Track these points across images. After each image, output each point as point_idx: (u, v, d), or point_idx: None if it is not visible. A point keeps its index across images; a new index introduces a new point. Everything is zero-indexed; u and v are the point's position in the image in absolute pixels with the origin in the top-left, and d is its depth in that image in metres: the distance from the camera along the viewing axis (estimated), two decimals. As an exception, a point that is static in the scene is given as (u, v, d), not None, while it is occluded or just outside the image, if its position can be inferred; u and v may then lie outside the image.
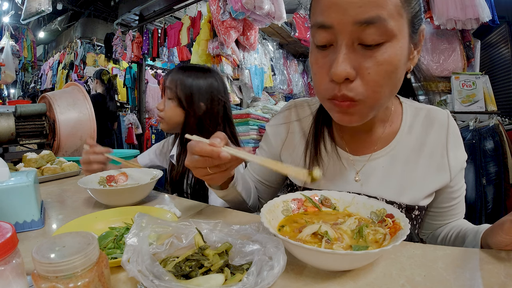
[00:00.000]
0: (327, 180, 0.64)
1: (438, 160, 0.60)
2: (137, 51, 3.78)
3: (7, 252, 0.29)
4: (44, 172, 1.02)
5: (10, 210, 0.55)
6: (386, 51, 0.45)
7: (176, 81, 1.02)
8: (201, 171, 0.52)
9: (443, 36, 2.20)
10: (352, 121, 0.52)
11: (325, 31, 0.47)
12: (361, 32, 0.44)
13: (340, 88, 0.47)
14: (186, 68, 1.05)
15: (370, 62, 0.45)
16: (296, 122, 0.70)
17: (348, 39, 0.45)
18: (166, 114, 1.03)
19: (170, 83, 1.02)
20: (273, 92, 3.87)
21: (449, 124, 0.62)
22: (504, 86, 3.11)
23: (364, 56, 0.46)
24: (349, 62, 0.46)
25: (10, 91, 7.58)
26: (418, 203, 0.60)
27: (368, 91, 0.47)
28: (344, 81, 0.47)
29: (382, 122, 0.62)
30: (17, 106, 1.24)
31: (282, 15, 2.51)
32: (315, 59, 0.51)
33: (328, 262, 0.38)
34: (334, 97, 0.49)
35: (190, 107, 1.02)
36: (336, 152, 0.64)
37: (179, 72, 1.03)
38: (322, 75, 0.50)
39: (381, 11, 0.43)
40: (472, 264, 0.42)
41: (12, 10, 4.78)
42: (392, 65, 0.46)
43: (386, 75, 0.47)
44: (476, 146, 1.97)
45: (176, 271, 0.37)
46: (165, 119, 1.04)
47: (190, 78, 1.02)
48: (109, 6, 5.31)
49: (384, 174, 0.61)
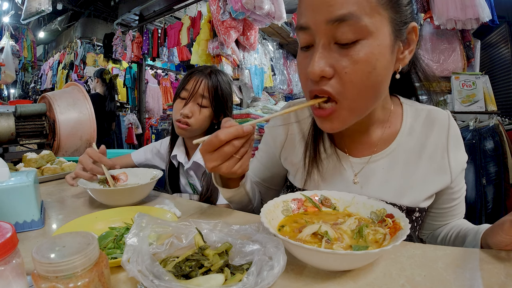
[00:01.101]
0: (327, 182, 0.64)
1: (439, 162, 0.60)
2: (137, 51, 3.78)
3: (7, 252, 0.29)
4: (44, 172, 1.02)
5: (10, 210, 0.55)
6: (362, 49, 0.45)
7: (213, 89, 0.98)
8: (229, 163, 0.50)
9: (443, 36, 2.20)
10: (334, 127, 0.52)
11: (304, 32, 0.48)
12: (335, 30, 0.45)
13: (317, 85, 0.48)
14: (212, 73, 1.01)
15: (346, 61, 0.46)
16: (295, 124, 0.70)
17: (324, 39, 0.46)
18: (197, 121, 0.98)
19: (205, 91, 0.98)
20: (273, 92, 3.87)
21: (449, 125, 0.61)
22: (504, 86, 3.11)
23: (340, 54, 0.46)
24: (325, 61, 0.46)
25: (10, 91, 7.58)
26: (419, 205, 0.60)
27: (346, 91, 0.47)
28: (321, 79, 0.47)
29: (380, 123, 0.62)
30: (17, 106, 1.23)
31: (282, 15, 2.51)
32: (299, 60, 0.53)
33: (328, 262, 0.38)
34: (313, 91, 0.50)
35: (223, 113, 1.01)
36: (336, 154, 0.64)
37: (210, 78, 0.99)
38: (303, 75, 0.51)
39: (352, 8, 0.44)
40: (472, 264, 0.42)
41: (12, 10, 4.78)
42: (368, 64, 0.46)
43: (363, 74, 0.46)
44: (476, 146, 1.96)
45: (176, 271, 0.37)
46: (194, 126, 0.98)
47: (222, 84, 1.00)
48: (109, 6, 5.31)
49: (384, 176, 0.60)
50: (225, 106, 1.02)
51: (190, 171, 1.05)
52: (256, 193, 0.72)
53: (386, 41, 0.47)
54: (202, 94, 0.97)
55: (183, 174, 1.09)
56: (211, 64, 2.76)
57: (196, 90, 0.97)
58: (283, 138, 0.71)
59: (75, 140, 1.38)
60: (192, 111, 0.97)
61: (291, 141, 0.70)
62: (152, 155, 1.19)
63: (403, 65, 0.53)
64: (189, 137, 1.03)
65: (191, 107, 0.98)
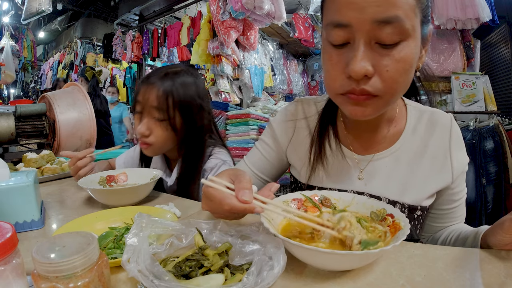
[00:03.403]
0: (331, 178, 0.65)
1: (441, 161, 0.61)
2: (137, 51, 3.79)
3: (7, 252, 0.29)
4: (44, 172, 1.02)
5: (10, 210, 0.55)
6: (403, 50, 0.46)
7: (166, 97, 0.79)
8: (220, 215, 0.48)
9: (443, 36, 2.20)
10: (366, 113, 0.52)
11: (342, 29, 0.47)
12: (378, 30, 0.45)
13: (358, 84, 0.48)
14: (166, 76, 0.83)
15: (388, 60, 0.46)
16: (303, 120, 0.71)
17: (365, 37, 0.46)
18: (158, 139, 0.82)
19: (156, 101, 0.79)
20: (273, 92, 3.87)
21: (452, 128, 0.62)
22: (504, 86, 3.11)
23: (381, 54, 0.46)
24: (368, 60, 0.46)
25: (10, 91, 7.59)
26: (421, 203, 0.60)
27: (386, 88, 0.48)
28: (362, 78, 0.47)
29: (387, 122, 0.63)
30: (17, 106, 1.23)
31: (282, 15, 2.51)
32: (329, 56, 0.51)
33: (328, 262, 0.38)
34: (352, 91, 0.49)
35: (188, 124, 0.84)
36: (340, 151, 0.65)
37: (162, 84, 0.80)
38: (337, 72, 0.50)
39: (398, 11, 0.44)
40: (472, 264, 0.42)
41: (12, 10, 4.79)
42: (408, 63, 0.47)
43: (404, 72, 0.47)
44: (476, 146, 1.97)
45: (176, 271, 0.37)
46: (157, 145, 0.83)
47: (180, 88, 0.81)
48: (109, 6, 5.31)
49: (388, 174, 0.61)
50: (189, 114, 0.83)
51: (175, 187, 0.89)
52: None
53: (418, 42, 0.49)
54: (155, 106, 0.80)
55: (168, 190, 0.94)
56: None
57: (147, 101, 0.80)
58: (291, 133, 0.72)
59: (75, 140, 1.38)
60: (148, 127, 0.81)
61: (298, 136, 0.71)
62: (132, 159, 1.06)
63: (421, 63, 0.55)
64: (159, 154, 0.90)
65: (147, 122, 0.81)
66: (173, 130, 0.83)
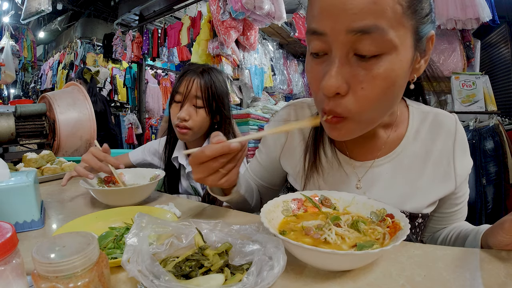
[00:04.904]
0: (328, 187, 0.62)
1: (444, 169, 0.58)
2: (137, 51, 3.78)
3: (7, 252, 0.29)
4: (44, 172, 1.02)
5: (10, 210, 0.55)
6: (383, 65, 0.41)
7: (206, 88, 0.96)
8: (215, 176, 0.51)
9: (443, 36, 2.20)
10: (341, 136, 0.50)
11: (318, 38, 0.44)
12: (355, 41, 0.40)
13: (328, 102, 0.45)
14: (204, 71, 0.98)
15: (364, 75, 0.42)
16: None
17: (342, 49, 0.42)
18: (196, 123, 0.96)
19: (198, 91, 0.95)
20: (273, 92, 3.88)
21: (456, 131, 0.59)
22: (504, 86, 3.11)
23: (359, 68, 0.42)
24: (342, 76, 0.42)
25: (10, 91, 7.59)
26: (422, 211, 0.58)
27: (358, 108, 0.44)
28: (334, 96, 0.44)
29: (386, 127, 0.60)
30: (17, 106, 1.23)
31: (282, 15, 2.51)
32: (310, 66, 0.48)
33: (328, 262, 0.38)
34: (323, 110, 0.47)
35: (220, 113, 1.00)
36: (336, 158, 0.62)
37: (203, 77, 0.96)
38: (316, 85, 0.47)
39: (379, 20, 0.39)
40: (472, 264, 0.42)
41: (12, 10, 4.79)
42: (388, 80, 0.42)
43: (381, 91, 0.43)
44: (476, 146, 1.97)
45: (176, 271, 0.37)
46: (194, 129, 0.96)
47: (216, 82, 0.98)
48: (109, 6, 5.31)
49: (388, 182, 0.59)
50: (220, 105, 1.00)
51: None
52: (254, 194, 0.71)
53: (408, 55, 0.43)
54: (196, 95, 0.95)
55: (184, 176, 1.08)
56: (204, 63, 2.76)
57: (189, 91, 0.95)
58: (283, 140, 0.69)
59: (75, 140, 1.38)
60: (189, 113, 0.95)
61: (291, 143, 0.68)
62: (150, 154, 1.17)
63: (418, 75, 0.50)
64: (192, 140, 1.02)
65: (187, 109, 0.95)
66: (209, 114, 0.98)
